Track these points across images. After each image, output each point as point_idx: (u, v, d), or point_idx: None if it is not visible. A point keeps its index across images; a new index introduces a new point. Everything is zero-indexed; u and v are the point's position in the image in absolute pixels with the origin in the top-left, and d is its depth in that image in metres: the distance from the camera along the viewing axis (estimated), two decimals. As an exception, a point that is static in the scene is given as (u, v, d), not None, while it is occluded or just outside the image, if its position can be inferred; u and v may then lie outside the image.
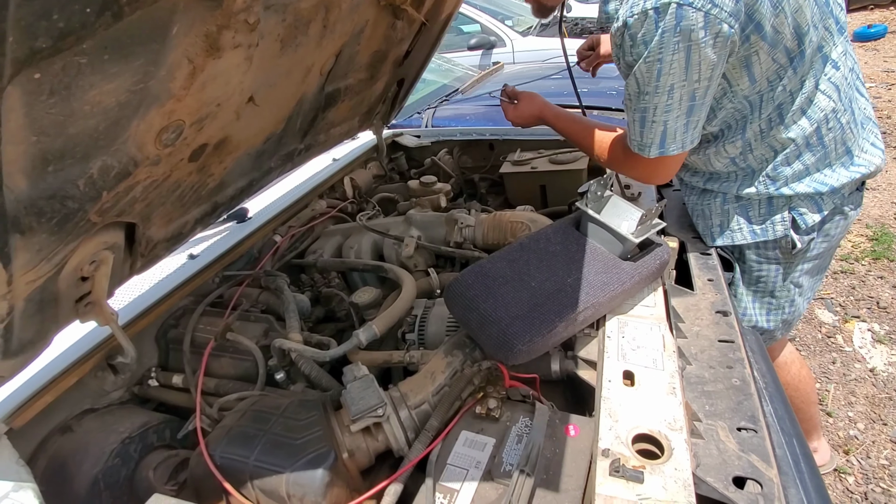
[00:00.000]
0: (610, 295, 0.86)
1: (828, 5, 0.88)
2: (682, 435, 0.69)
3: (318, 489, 0.69)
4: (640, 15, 0.81)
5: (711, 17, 0.79)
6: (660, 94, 0.87)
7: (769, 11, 0.83)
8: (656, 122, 0.91)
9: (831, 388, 1.86)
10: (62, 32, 0.42)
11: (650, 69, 0.84)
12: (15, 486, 0.71)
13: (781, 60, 0.88)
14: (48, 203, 0.58)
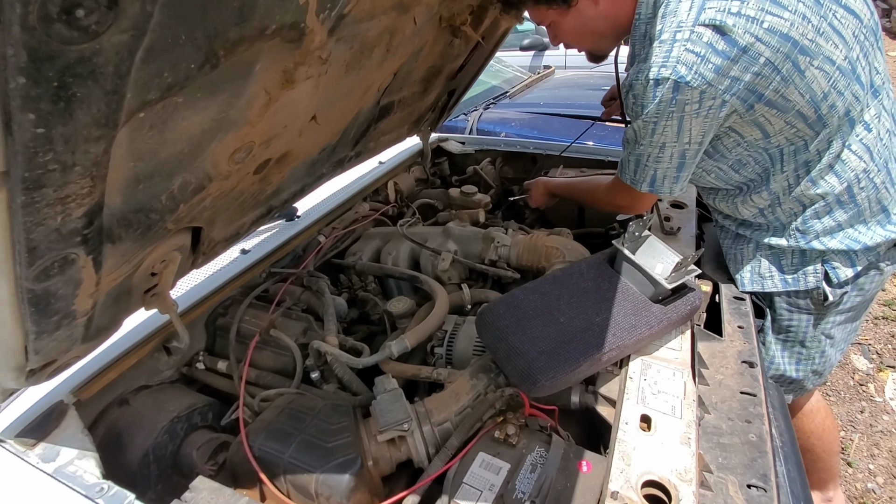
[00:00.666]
0: (637, 338, 0.88)
1: (853, 72, 0.88)
2: (691, 487, 0.72)
3: (343, 491, 0.76)
4: (643, 81, 0.87)
5: (706, 95, 0.84)
6: (653, 147, 0.95)
7: (777, 84, 0.85)
8: (648, 167, 1.01)
9: (855, 438, 1.81)
10: (169, 86, 0.49)
11: (646, 127, 0.92)
12: (79, 454, 0.80)
13: (798, 124, 0.89)
14: (136, 216, 0.65)
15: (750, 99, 0.85)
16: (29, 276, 0.51)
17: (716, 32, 0.80)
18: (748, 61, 0.81)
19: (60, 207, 0.47)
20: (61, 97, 0.37)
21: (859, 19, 0.87)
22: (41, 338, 0.63)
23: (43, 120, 0.37)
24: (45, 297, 0.56)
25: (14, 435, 0.81)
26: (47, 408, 0.85)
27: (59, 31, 0.33)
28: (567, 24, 1.01)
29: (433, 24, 1.16)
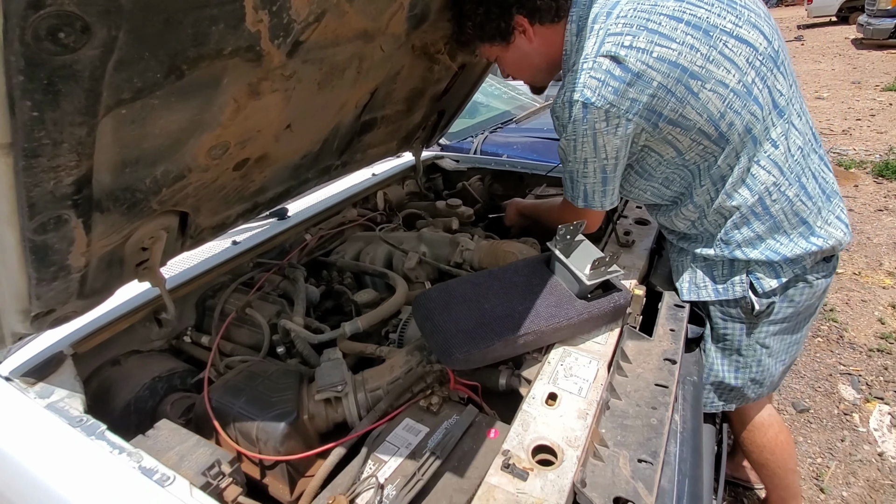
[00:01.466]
0: (554, 326, 0.98)
1: (749, 94, 0.98)
2: (577, 452, 0.81)
3: (278, 437, 0.88)
4: (560, 105, 1.01)
5: (611, 114, 0.96)
6: (577, 163, 1.07)
7: (673, 104, 0.97)
8: (578, 183, 1.12)
9: (832, 465, 1.79)
10: (140, 89, 0.65)
11: (569, 145, 1.05)
12: (69, 395, 0.96)
13: (703, 141, 0.99)
14: (122, 193, 0.82)
15: (652, 118, 0.97)
16: (30, 227, 0.68)
17: (612, 61, 0.93)
18: (643, 85, 0.93)
19: (53, 174, 0.63)
20: (50, 91, 0.53)
21: (753, 48, 0.98)
22: (41, 284, 0.79)
23: (37, 106, 0.53)
24: (43, 247, 0.73)
25: (19, 375, 0.97)
26: (48, 356, 1.01)
27: (47, 47, 0.49)
28: (508, 59, 1.17)
29: (407, 52, 1.32)
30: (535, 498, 0.73)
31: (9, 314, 0.84)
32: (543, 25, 1.10)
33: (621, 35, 0.94)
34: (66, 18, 0.49)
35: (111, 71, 0.58)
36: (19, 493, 0.84)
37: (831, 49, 9.77)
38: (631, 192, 1.21)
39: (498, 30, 1.12)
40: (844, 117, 5.71)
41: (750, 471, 1.75)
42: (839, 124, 5.51)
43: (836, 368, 2.22)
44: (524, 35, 1.12)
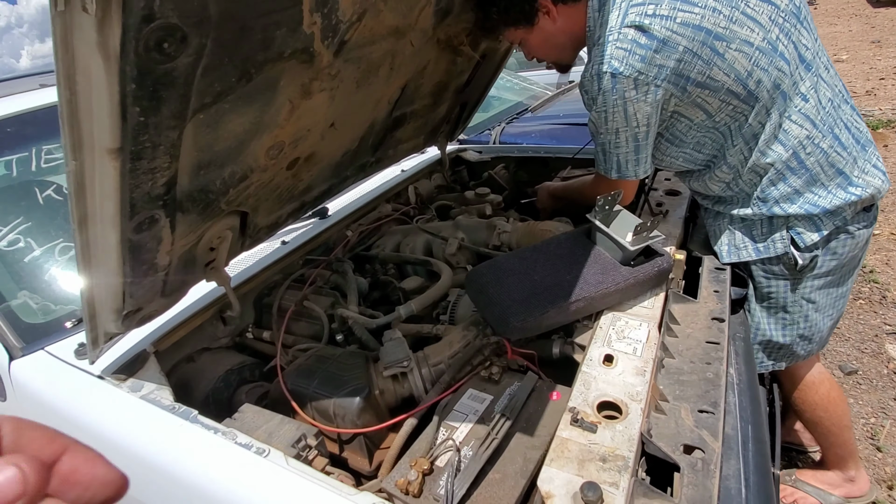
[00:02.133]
0: (603, 292, 1.02)
1: (775, 51, 1.00)
2: (641, 404, 0.85)
3: (355, 411, 0.94)
4: (589, 78, 1.04)
5: (639, 82, 0.99)
6: (609, 134, 1.10)
7: (700, 67, 0.99)
8: (611, 154, 1.15)
9: (887, 424, 1.78)
10: (219, 93, 0.72)
11: (599, 117, 1.08)
12: (157, 387, 1.04)
13: (733, 101, 1.02)
14: (198, 194, 0.89)
15: (680, 82, 1.00)
16: (130, 227, 0.75)
17: (637, 31, 0.97)
18: (669, 50, 0.96)
19: (150, 176, 0.70)
20: (154, 97, 0.60)
21: (775, 5, 1.00)
22: (134, 283, 0.87)
23: (144, 112, 0.60)
24: (139, 246, 0.80)
25: (111, 372, 1.06)
26: (133, 354, 1.10)
27: (154, 56, 0.56)
28: (533, 41, 1.21)
29: (433, 46, 1.38)
30: (606, 447, 0.77)
31: (104, 313, 0.92)
32: (566, 5, 1.14)
33: (644, 4, 0.98)
34: (170, 30, 0.55)
35: (199, 77, 0.65)
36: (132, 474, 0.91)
37: (846, 10, 9.50)
38: (663, 160, 1.24)
39: (522, 13, 1.16)
40: (867, 78, 5.56)
41: (803, 434, 1.74)
42: (862, 85, 5.37)
43: (882, 329, 2.19)
44: (548, 16, 1.16)
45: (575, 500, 0.69)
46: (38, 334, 1.22)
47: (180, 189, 0.83)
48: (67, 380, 1.08)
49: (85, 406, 1.01)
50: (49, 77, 1.94)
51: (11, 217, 1.37)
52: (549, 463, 0.75)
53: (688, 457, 0.80)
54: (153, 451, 0.87)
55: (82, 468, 0.26)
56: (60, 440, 0.26)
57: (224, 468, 0.80)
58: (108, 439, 0.94)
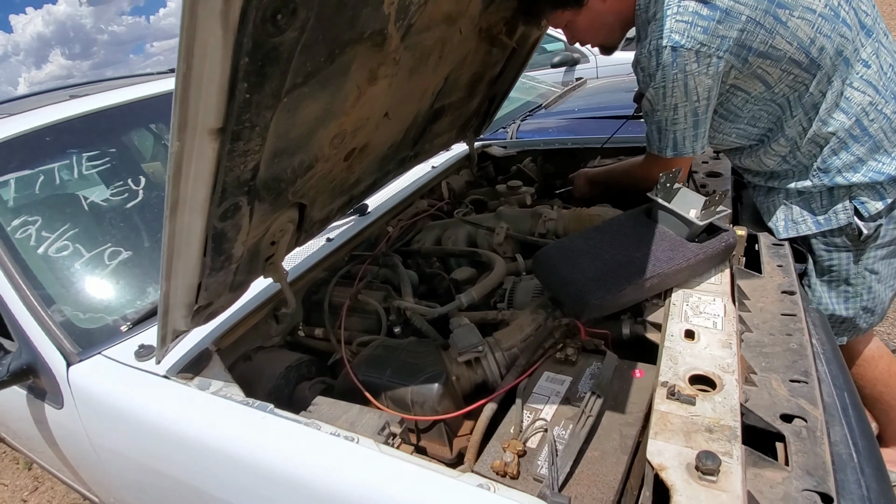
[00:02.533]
0: (675, 268, 1.01)
1: (837, 17, 1.00)
2: (734, 376, 0.83)
3: (434, 398, 0.93)
4: (647, 54, 1.03)
5: (701, 54, 0.98)
6: (667, 111, 1.09)
7: (763, 36, 0.99)
8: (668, 132, 1.13)
9: (938, 400, 1.75)
10: (308, 73, 0.71)
11: (657, 94, 1.07)
12: (225, 385, 1.02)
13: (794, 70, 1.02)
14: (273, 182, 0.88)
15: (742, 53, 1.00)
16: (217, 213, 0.74)
17: (698, 2, 0.96)
18: (732, 20, 0.96)
19: (243, 159, 0.69)
20: (261, 73, 0.59)
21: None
22: (212, 274, 0.86)
23: (251, 88, 0.59)
24: (221, 235, 0.79)
25: (176, 372, 1.04)
26: (197, 353, 1.08)
27: (268, 29, 0.55)
28: (581, 22, 1.20)
29: (474, 35, 1.38)
30: (710, 418, 0.75)
31: (176, 309, 0.90)
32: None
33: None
34: (284, 1, 0.55)
35: (297, 54, 0.64)
36: (209, 474, 0.90)
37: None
38: (714, 137, 1.23)
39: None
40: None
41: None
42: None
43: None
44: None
45: (690, 471, 0.67)
46: (93, 340, 1.20)
47: (259, 176, 0.82)
48: (132, 381, 1.06)
49: (155, 406, 0.99)
50: (77, 89, 1.94)
51: (59, 224, 1.36)
52: (655, 436, 0.73)
53: (789, 425, 0.78)
54: (237, 446, 0.85)
55: None
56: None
57: (318, 457, 0.78)
58: (185, 436, 0.92)
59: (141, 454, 1.04)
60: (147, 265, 1.37)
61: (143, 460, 1.05)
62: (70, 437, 1.25)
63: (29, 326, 1.19)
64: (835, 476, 0.70)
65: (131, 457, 1.08)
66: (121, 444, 1.09)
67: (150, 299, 1.31)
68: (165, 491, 1.05)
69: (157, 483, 1.05)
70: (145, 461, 1.04)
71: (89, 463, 1.25)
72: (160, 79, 2.04)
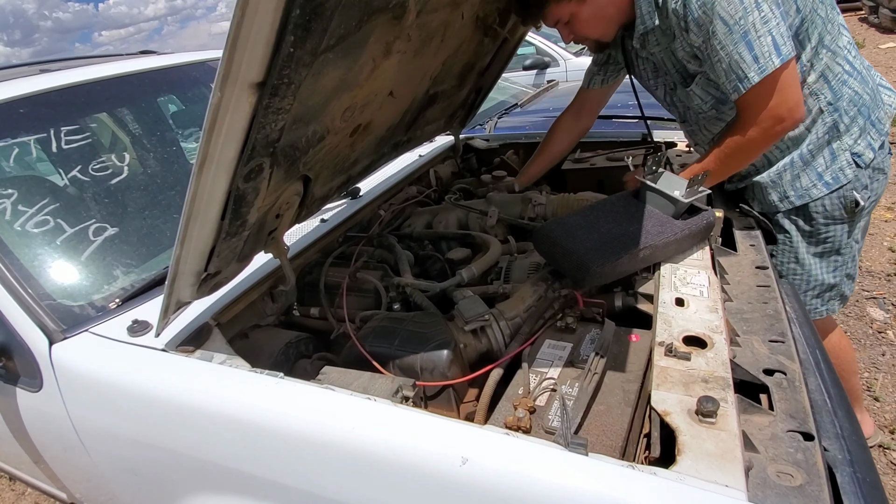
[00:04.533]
0: (664, 241, 1.09)
1: None
2: (722, 336, 0.91)
3: (444, 364, 0.96)
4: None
5: None
6: (751, 12, 0.98)
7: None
8: (763, 35, 0.99)
9: (880, 377, 1.94)
10: (340, 37, 0.73)
11: (730, 4, 0.97)
12: (229, 357, 1.01)
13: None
14: (289, 149, 0.89)
15: None
16: (242, 173, 0.75)
17: None
18: None
19: (275, 116, 0.70)
20: (306, 27, 0.61)
21: None
22: (226, 239, 0.86)
23: (296, 42, 0.61)
24: (242, 197, 0.80)
25: (175, 346, 1.02)
26: (197, 327, 1.07)
27: (317, -17, 0.58)
28: (584, 14, 1.24)
29: (472, 22, 1.42)
30: (705, 370, 0.83)
31: (183, 276, 0.89)
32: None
33: None
34: (335, -43, 0.57)
35: (337, 14, 0.66)
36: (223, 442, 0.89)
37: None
38: None
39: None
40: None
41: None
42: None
43: (861, 294, 2.39)
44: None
45: (692, 415, 0.74)
46: (79, 317, 1.16)
47: (281, 141, 0.83)
48: (126, 356, 1.03)
49: (156, 378, 0.97)
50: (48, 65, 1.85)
51: (37, 198, 1.30)
52: (657, 388, 0.80)
53: (772, 378, 0.86)
54: (255, 412, 0.85)
55: None
56: None
57: (340, 416, 0.79)
58: (193, 407, 0.91)
59: (137, 431, 1.01)
60: (135, 242, 1.33)
61: (139, 437, 1.02)
62: (46, 423, 1.19)
63: (3, 303, 1.13)
64: (814, 418, 0.78)
65: (125, 435, 1.04)
66: (113, 423, 1.05)
67: (143, 276, 1.27)
68: (162, 467, 1.03)
69: (154, 459, 1.02)
70: (142, 438, 1.01)
71: (67, 450, 1.20)
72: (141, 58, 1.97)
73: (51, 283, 1.20)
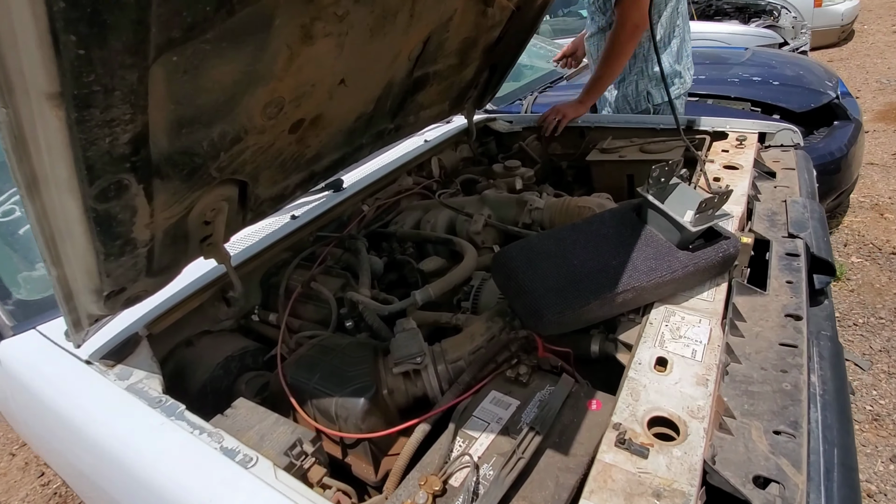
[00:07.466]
0: (656, 281, 0.86)
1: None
2: (703, 424, 0.69)
3: (359, 414, 0.82)
4: None
5: None
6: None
7: None
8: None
9: None
10: (189, 25, 0.57)
11: None
12: (147, 376, 0.93)
13: None
14: (181, 157, 0.76)
15: None
16: (91, 194, 0.63)
17: None
18: None
19: (108, 130, 0.57)
20: (95, 22, 0.46)
21: None
22: (109, 260, 0.75)
23: (83, 42, 0.47)
24: (107, 218, 0.68)
25: (99, 357, 0.96)
26: (125, 338, 1.00)
27: (84, -39, 0.42)
28: None
29: (457, -8, 1.19)
30: (661, 478, 0.62)
31: (82, 294, 0.81)
32: None
33: None
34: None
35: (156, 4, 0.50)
36: (104, 475, 0.82)
37: None
38: None
39: None
40: None
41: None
42: None
43: None
44: None
45: (624, 547, 0.55)
46: (31, 312, 1.14)
47: (157, 150, 0.70)
48: (54, 364, 0.99)
49: (68, 394, 0.92)
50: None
51: (8, 186, 1.28)
52: (589, 496, 0.61)
53: (762, 492, 0.64)
54: (129, 452, 0.77)
55: None
56: None
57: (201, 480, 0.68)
58: (89, 436, 0.85)
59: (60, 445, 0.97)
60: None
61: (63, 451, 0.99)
62: (10, 416, 1.21)
63: (-36, 293, 1.13)
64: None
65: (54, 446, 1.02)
66: (44, 432, 1.03)
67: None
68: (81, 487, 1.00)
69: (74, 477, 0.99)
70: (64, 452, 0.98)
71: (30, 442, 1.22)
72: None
73: (8, 275, 1.19)
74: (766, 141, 1.65)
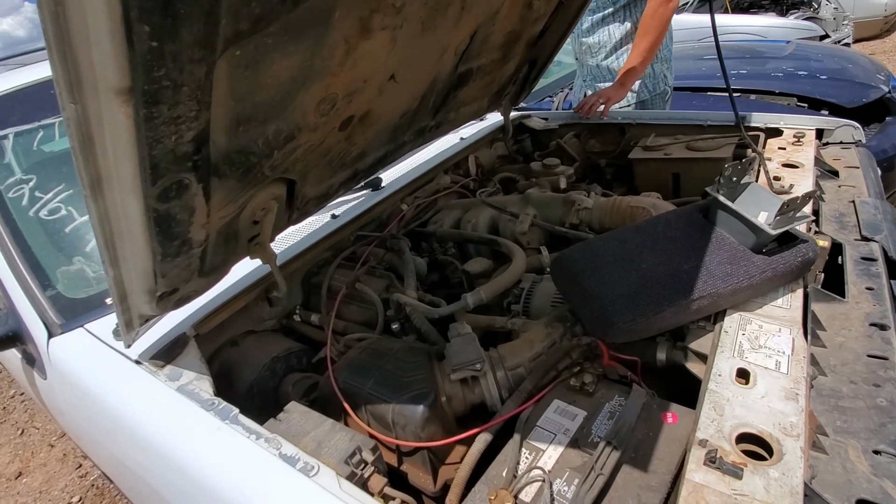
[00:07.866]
0: (733, 287, 0.80)
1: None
2: (798, 442, 0.64)
3: (418, 422, 0.78)
4: None
5: None
6: None
7: None
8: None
9: None
10: (257, 17, 0.55)
11: None
12: (197, 377, 0.92)
13: None
14: (237, 156, 0.73)
15: None
16: (153, 193, 0.60)
17: None
18: None
19: (174, 127, 0.55)
20: (168, 12, 0.44)
21: None
22: (165, 261, 0.74)
23: (156, 33, 0.44)
24: (167, 218, 0.66)
25: (148, 357, 0.95)
26: (173, 338, 0.99)
27: (165, -55, 0.39)
28: None
29: (509, -17, 1.15)
30: (760, 501, 0.57)
31: (136, 294, 0.80)
32: None
33: None
34: None
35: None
36: (157, 475, 0.81)
37: None
38: None
39: None
40: None
41: None
42: None
43: None
44: None
45: (726, 580, 0.50)
46: (78, 310, 1.14)
47: (215, 148, 0.68)
48: (104, 363, 0.98)
49: (119, 394, 0.91)
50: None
51: (53, 184, 1.29)
52: (682, 520, 0.56)
53: (869, 518, 0.59)
54: (185, 455, 0.75)
55: None
56: None
57: (265, 488, 0.66)
58: (142, 436, 0.83)
59: (108, 442, 0.97)
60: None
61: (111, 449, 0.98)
62: (57, 411, 1.21)
63: (14, 292, 1.14)
64: None
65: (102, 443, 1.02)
66: (92, 429, 1.03)
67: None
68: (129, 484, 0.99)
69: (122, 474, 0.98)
70: (112, 450, 0.97)
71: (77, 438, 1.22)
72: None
73: (57, 273, 1.19)
74: (822, 138, 1.57)
